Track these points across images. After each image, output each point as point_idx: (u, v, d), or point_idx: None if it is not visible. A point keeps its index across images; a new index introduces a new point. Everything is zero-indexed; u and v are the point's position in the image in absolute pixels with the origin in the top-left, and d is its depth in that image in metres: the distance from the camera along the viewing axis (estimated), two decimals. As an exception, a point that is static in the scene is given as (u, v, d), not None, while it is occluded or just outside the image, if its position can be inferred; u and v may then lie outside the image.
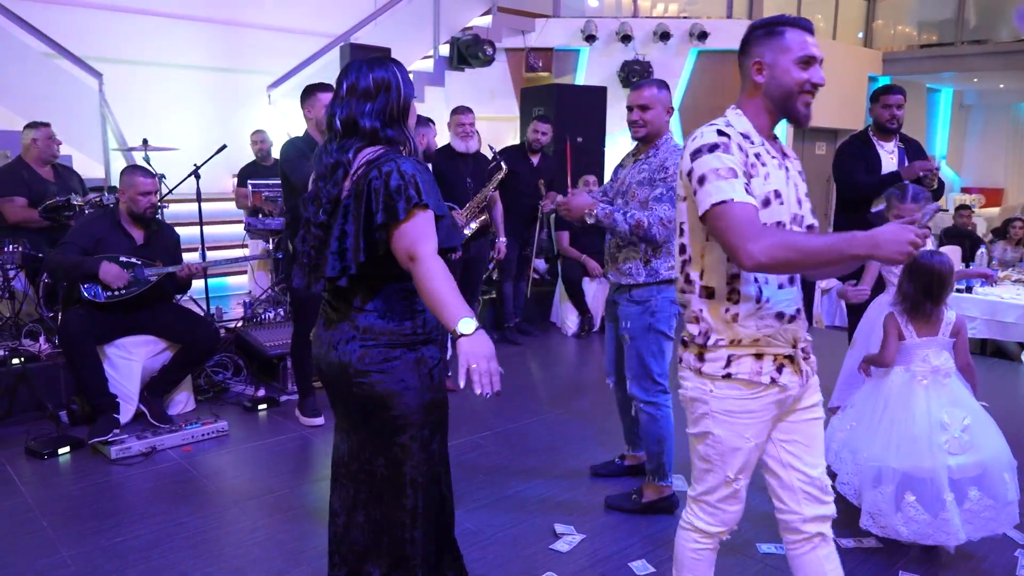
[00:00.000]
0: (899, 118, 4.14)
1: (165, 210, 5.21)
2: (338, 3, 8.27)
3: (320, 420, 4.09)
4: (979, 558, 2.84)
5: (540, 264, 6.85)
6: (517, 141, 7.26)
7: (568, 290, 6.21)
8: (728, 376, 1.84)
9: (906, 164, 4.12)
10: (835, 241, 1.64)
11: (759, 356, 1.84)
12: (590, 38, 8.65)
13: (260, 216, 5.53)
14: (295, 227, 3.47)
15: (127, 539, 2.89)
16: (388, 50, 6.96)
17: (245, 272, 6.14)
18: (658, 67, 8.74)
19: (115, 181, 5.60)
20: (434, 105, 7.43)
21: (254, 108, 7.30)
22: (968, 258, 7.00)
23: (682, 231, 1.91)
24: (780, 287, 1.86)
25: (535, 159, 5.89)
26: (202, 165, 5.14)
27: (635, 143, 3.12)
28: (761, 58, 1.84)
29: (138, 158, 5.43)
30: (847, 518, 2.89)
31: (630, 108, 3.04)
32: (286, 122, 6.88)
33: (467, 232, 4.79)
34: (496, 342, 5.85)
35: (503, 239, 5.30)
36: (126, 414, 3.99)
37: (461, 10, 8.41)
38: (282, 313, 5.01)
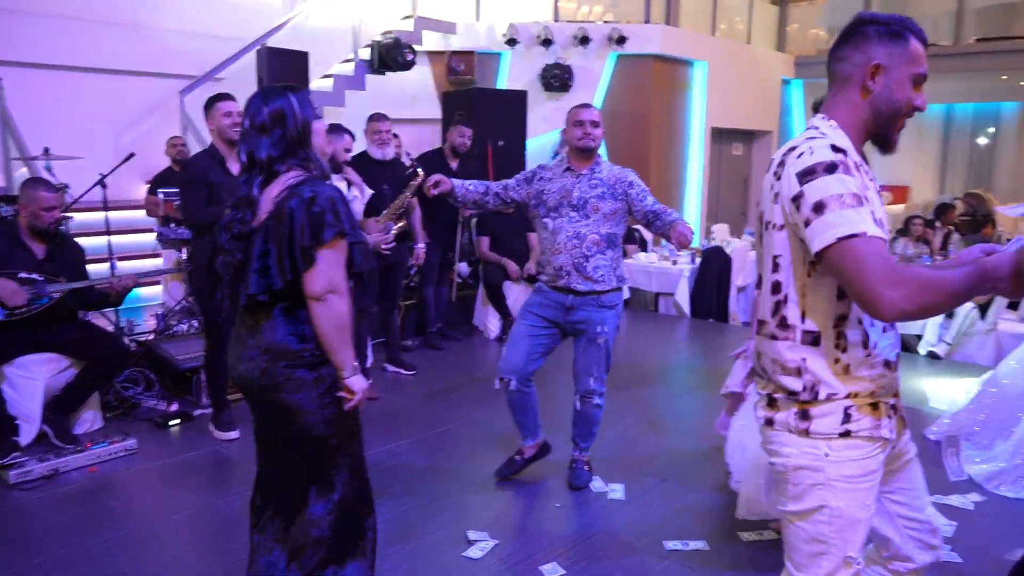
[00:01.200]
0: None
1: (70, 220, 5.03)
2: (254, 6, 8.13)
3: (235, 434, 4.02)
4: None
5: (463, 268, 6.87)
6: (440, 145, 7.26)
7: (489, 293, 6.26)
8: (847, 434, 1.57)
9: None
10: (969, 276, 1.40)
11: (875, 407, 1.59)
12: (511, 42, 8.71)
13: (172, 225, 5.39)
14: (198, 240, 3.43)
15: (26, 568, 2.80)
16: (305, 55, 6.88)
17: (159, 283, 5.98)
18: (579, 71, 8.86)
19: (17, 191, 5.38)
20: (356, 109, 7.37)
21: (166, 114, 7.11)
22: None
23: (777, 266, 1.61)
24: (884, 331, 1.62)
25: (455, 164, 5.91)
26: (108, 175, 4.98)
27: (560, 158, 3.40)
28: (881, 60, 1.57)
29: (42, 167, 5.23)
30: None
31: (580, 123, 3.30)
32: (203, 128, 6.72)
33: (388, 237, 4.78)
34: (419, 347, 5.90)
35: (421, 245, 5.31)
36: (27, 435, 3.84)
37: (381, 13, 8.36)
38: (196, 325, 4.90)
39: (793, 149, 1.56)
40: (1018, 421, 3.59)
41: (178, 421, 4.25)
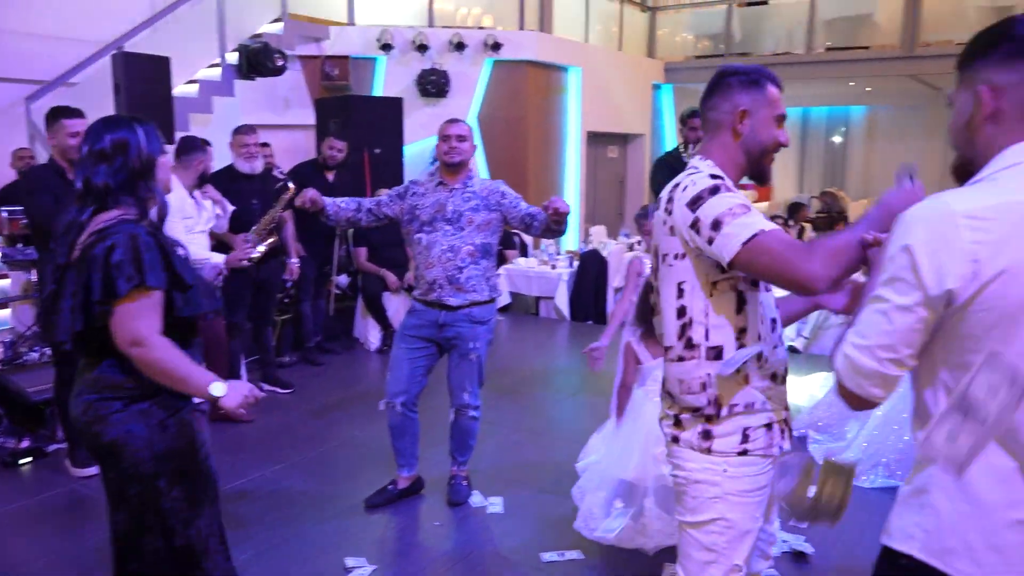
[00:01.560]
0: (701, 139, 4.68)
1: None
2: (111, 6, 7.67)
3: (93, 470, 3.79)
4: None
5: (342, 279, 6.76)
6: (315, 151, 7.09)
7: (368, 305, 6.18)
8: (745, 452, 1.71)
9: None
10: (865, 223, 1.54)
11: (769, 427, 1.74)
12: (386, 47, 8.62)
13: (20, 245, 5.02)
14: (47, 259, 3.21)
15: None
16: (167, 59, 6.55)
17: (6, 307, 5.54)
18: (455, 77, 8.88)
19: None
20: (225, 115, 7.09)
21: (10, 123, 6.60)
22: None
23: (681, 292, 1.73)
24: (775, 346, 1.76)
25: (330, 176, 5.80)
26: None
27: (434, 173, 3.42)
28: (746, 107, 1.74)
29: None
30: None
31: (447, 137, 3.35)
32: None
33: (256, 254, 4.64)
34: (297, 364, 5.75)
35: (295, 260, 5.18)
36: None
37: (249, 16, 8.07)
38: (48, 352, 4.58)
39: (677, 185, 1.72)
40: (869, 412, 3.88)
41: (30, 459, 3.97)
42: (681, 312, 1.73)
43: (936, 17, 10.42)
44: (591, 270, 7.51)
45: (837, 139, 14.97)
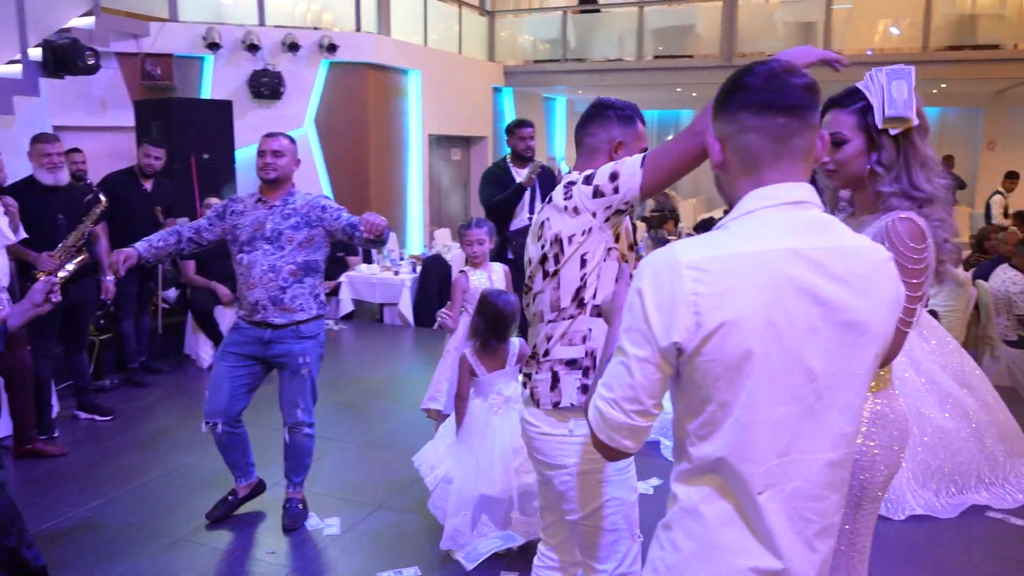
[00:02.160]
0: (532, 148, 4.84)
1: None
2: None
3: None
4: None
5: (170, 294, 6.37)
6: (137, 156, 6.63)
7: (199, 320, 5.87)
8: None
9: (538, 188, 4.86)
10: (691, 123, 1.74)
11: None
12: (213, 46, 8.20)
13: None
14: None
15: None
16: (-46, 55, 5.91)
17: None
18: (290, 78, 8.60)
19: None
20: (29, 116, 6.48)
21: None
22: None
23: (583, 262, 1.87)
24: None
25: (148, 184, 5.45)
26: None
27: (258, 190, 3.34)
28: (621, 139, 1.95)
29: None
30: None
31: (263, 153, 3.25)
32: None
33: (64, 273, 4.26)
34: (119, 386, 5.36)
35: (110, 277, 4.81)
36: None
37: (55, 8, 7.41)
38: None
39: (572, 184, 1.90)
40: None
41: None
42: (582, 279, 1.89)
43: (750, 30, 11.25)
44: (435, 275, 7.51)
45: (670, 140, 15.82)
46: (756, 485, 1.17)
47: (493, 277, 3.78)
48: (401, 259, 7.88)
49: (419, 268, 7.62)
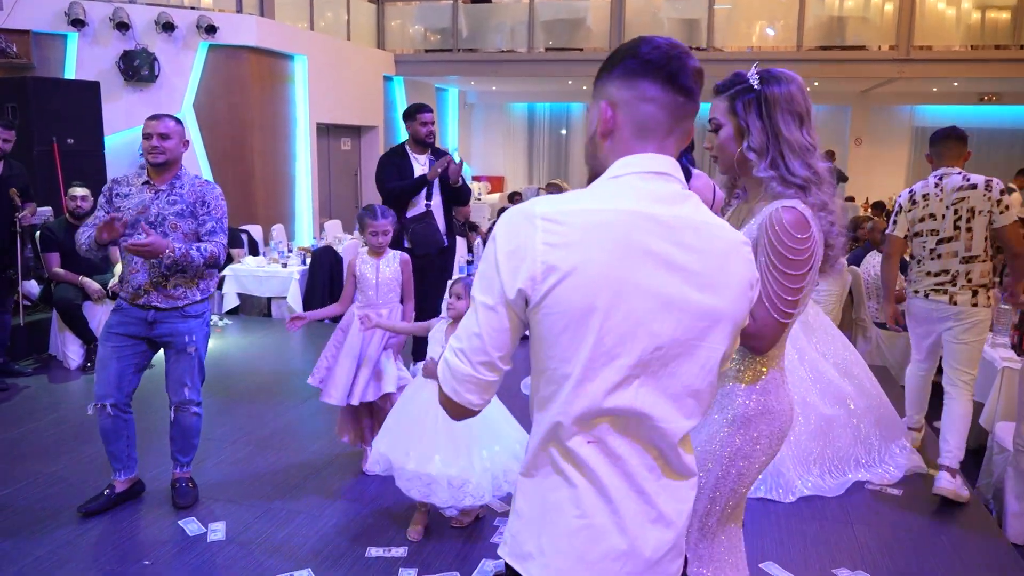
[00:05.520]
0: (434, 133, 4.68)
1: None
2: None
3: None
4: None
5: (32, 288, 5.87)
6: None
7: (65, 317, 5.41)
8: None
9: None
10: None
11: None
12: (77, 22, 7.61)
13: None
14: None
15: None
16: None
17: None
18: (166, 60, 8.10)
19: None
20: None
21: None
22: (470, 248, 7.92)
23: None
24: None
25: (-1, 165, 4.97)
26: None
27: (145, 170, 3.24)
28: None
29: None
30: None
31: (148, 135, 3.15)
32: None
33: None
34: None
35: (-39, 270, 4.38)
36: None
37: None
38: None
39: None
40: None
41: None
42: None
43: (636, 25, 11.49)
44: (325, 266, 7.26)
45: (563, 132, 16.00)
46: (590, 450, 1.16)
47: (389, 265, 3.68)
48: (289, 251, 7.58)
49: (308, 260, 7.34)
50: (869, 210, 10.79)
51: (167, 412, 3.44)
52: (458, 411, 1.22)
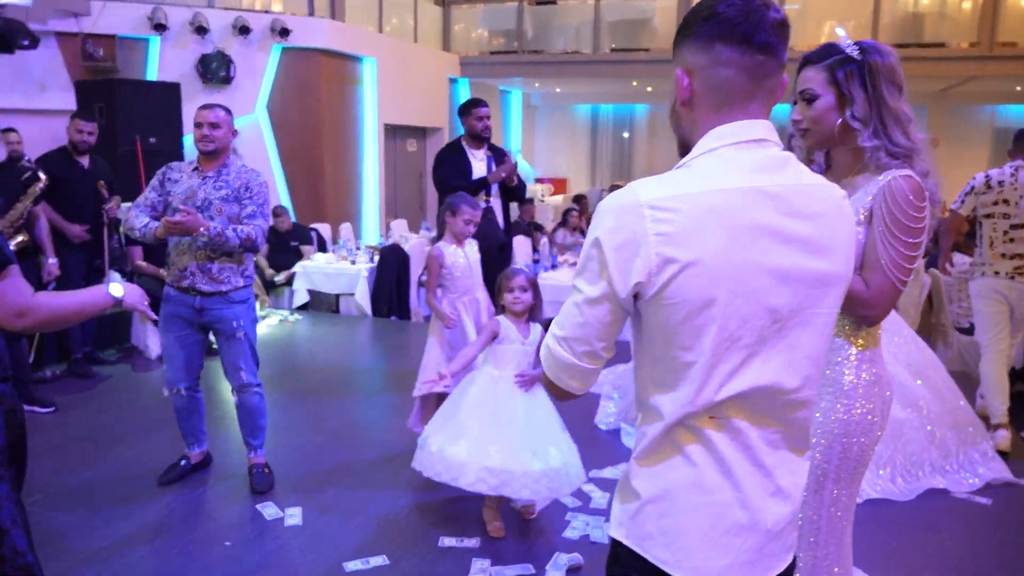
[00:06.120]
0: (490, 128, 4.65)
1: None
2: None
3: None
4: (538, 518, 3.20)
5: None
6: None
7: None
8: None
9: (493, 170, 4.64)
10: None
11: None
12: (159, 27, 7.89)
13: None
14: None
15: None
16: None
17: None
18: (241, 62, 8.33)
19: None
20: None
21: None
22: (535, 247, 7.91)
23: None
24: None
25: (84, 161, 5.16)
26: None
27: (195, 159, 3.39)
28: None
29: None
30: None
31: (200, 124, 3.29)
32: None
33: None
34: (62, 377, 5.10)
35: (53, 260, 4.58)
36: None
37: (-11, -17, 7.04)
38: None
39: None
40: None
41: None
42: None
43: (705, 24, 11.30)
44: (392, 264, 7.35)
45: (625, 135, 15.89)
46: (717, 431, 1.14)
47: (472, 251, 3.72)
48: (357, 249, 7.70)
49: (376, 258, 7.45)
50: (947, 213, 10.39)
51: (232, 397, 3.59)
52: (561, 394, 1.24)
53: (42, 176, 4.21)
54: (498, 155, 4.81)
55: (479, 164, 4.80)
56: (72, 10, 7.51)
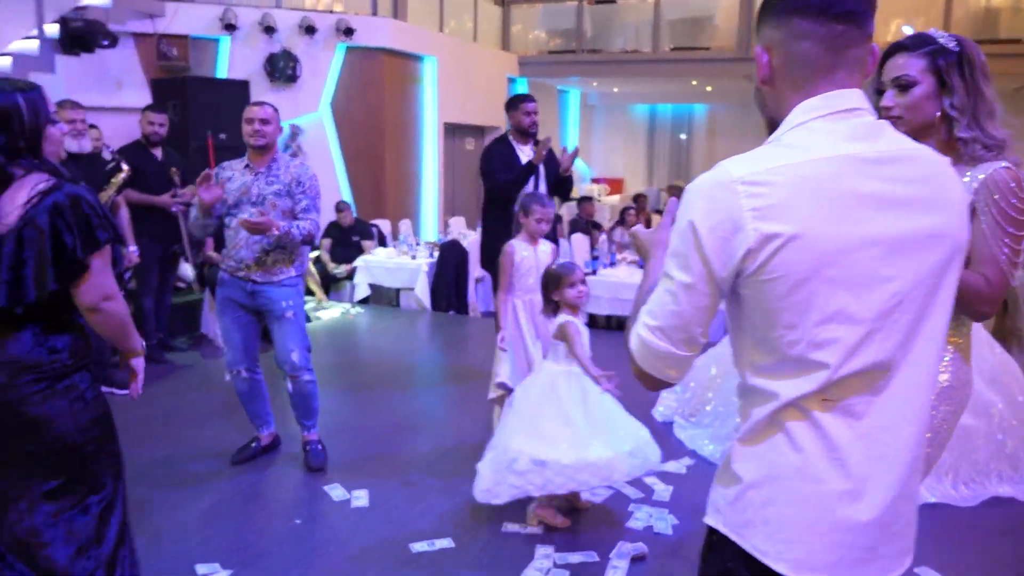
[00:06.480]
0: (537, 123, 4.56)
1: None
2: (-100, -34, 6.74)
3: None
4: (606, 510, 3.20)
5: (186, 273, 6.30)
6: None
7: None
8: None
9: (541, 166, 4.51)
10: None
11: None
12: (229, 27, 8.12)
13: None
14: None
15: None
16: (-28, 28, 5.85)
17: None
18: (306, 61, 8.52)
19: None
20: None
21: None
22: (593, 245, 7.90)
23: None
24: None
25: (158, 152, 5.36)
26: None
27: (246, 156, 3.53)
28: None
29: None
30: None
31: (250, 120, 3.44)
32: None
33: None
34: (137, 362, 5.26)
35: (133, 248, 4.77)
36: None
37: (73, -15, 7.35)
38: None
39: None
40: (735, 404, 3.95)
41: None
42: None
43: (768, 21, 11.12)
44: (451, 260, 7.43)
45: (683, 135, 15.73)
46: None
47: (544, 251, 3.68)
48: (417, 244, 7.80)
49: (436, 253, 7.54)
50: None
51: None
52: (656, 384, 1.21)
53: (124, 167, 4.39)
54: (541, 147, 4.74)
55: (526, 159, 4.74)
56: (148, 11, 7.80)
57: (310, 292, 7.07)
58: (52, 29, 6.83)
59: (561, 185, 4.84)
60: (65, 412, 1.97)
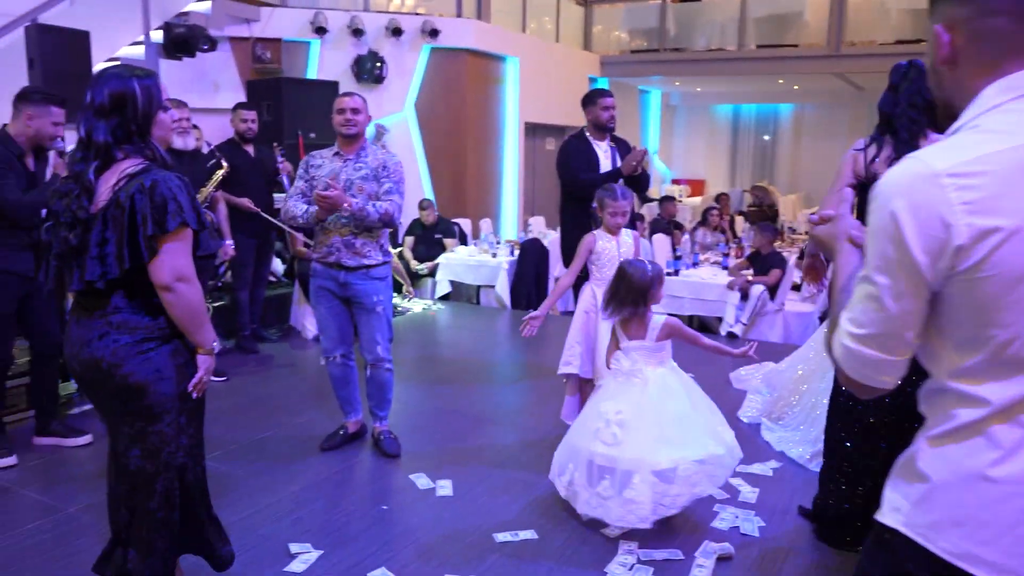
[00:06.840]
0: (615, 118, 4.46)
1: None
2: (22, -23, 7.21)
3: (11, 460, 3.54)
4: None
5: (276, 267, 6.53)
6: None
7: (306, 292, 5.97)
8: None
9: (618, 162, 4.42)
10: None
11: None
12: (320, 30, 8.38)
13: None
14: None
15: None
16: (86, 34, 6.20)
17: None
18: (392, 62, 8.70)
19: None
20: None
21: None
22: (675, 246, 7.80)
23: None
24: None
25: (250, 149, 5.57)
26: None
27: (335, 145, 3.68)
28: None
29: None
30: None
31: (342, 110, 3.60)
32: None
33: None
34: (230, 351, 5.50)
35: (229, 242, 4.97)
36: None
37: (176, -7, 7.72)
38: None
39: None
40: (822, 406, 3.83)
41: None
42: None
43: (860, 17, 10.76)
44: (532, 258, 7.46)
45: (767, 136, 15.35)
46: None
47: (625, 242, 3.71)
48: (498, 242, 7.87)
49: (516, 251, 7.58)
50: None
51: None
52: (869, 392, 1.16)
53: (224, 163, 4.58)
54: (622, 146, 4.64)
55: (603, 155, 4.64)
56: (244, 16, 8.12)
57: (398, 285, 7.22)
58: (156, 35, 7.19)
59: (635, 182, 4.69)
60: (168, 377, 2.08)
